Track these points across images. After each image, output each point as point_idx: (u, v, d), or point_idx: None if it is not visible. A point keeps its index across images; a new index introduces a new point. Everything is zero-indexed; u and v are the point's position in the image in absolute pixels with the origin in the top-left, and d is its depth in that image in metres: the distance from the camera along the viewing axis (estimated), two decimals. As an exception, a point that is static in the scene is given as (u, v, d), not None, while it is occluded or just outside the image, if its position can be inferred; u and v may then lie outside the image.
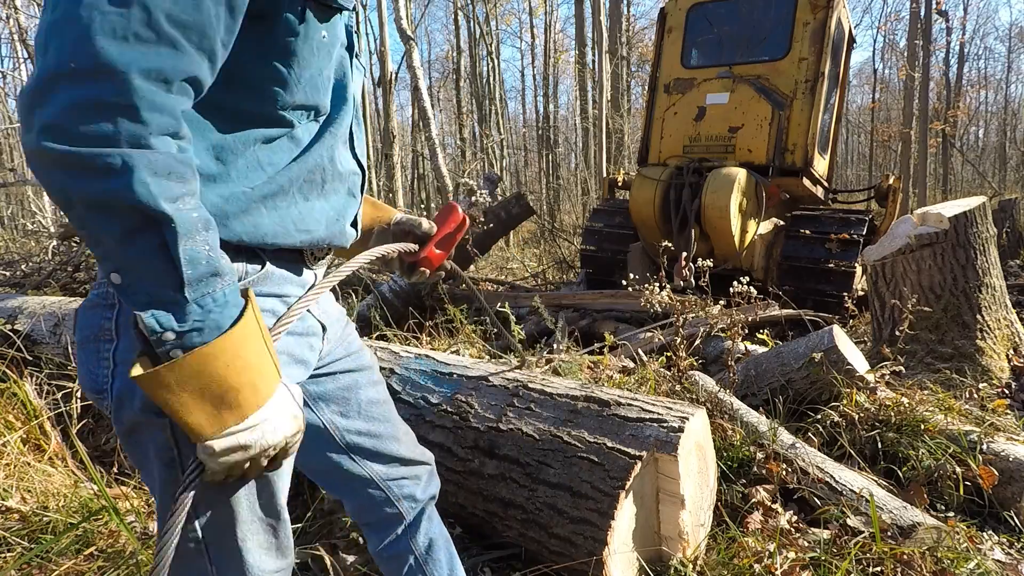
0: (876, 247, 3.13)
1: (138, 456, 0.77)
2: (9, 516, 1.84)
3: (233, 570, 0.80)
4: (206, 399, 0.63)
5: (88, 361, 0.75)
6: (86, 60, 0.54)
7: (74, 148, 0.55)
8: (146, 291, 0.60)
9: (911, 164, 14.03)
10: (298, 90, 0.76)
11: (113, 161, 0.56)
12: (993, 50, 43.99)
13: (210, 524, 0.77)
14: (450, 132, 25.74)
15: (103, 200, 0.57)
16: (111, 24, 0.54)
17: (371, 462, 1.05)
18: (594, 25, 12.42)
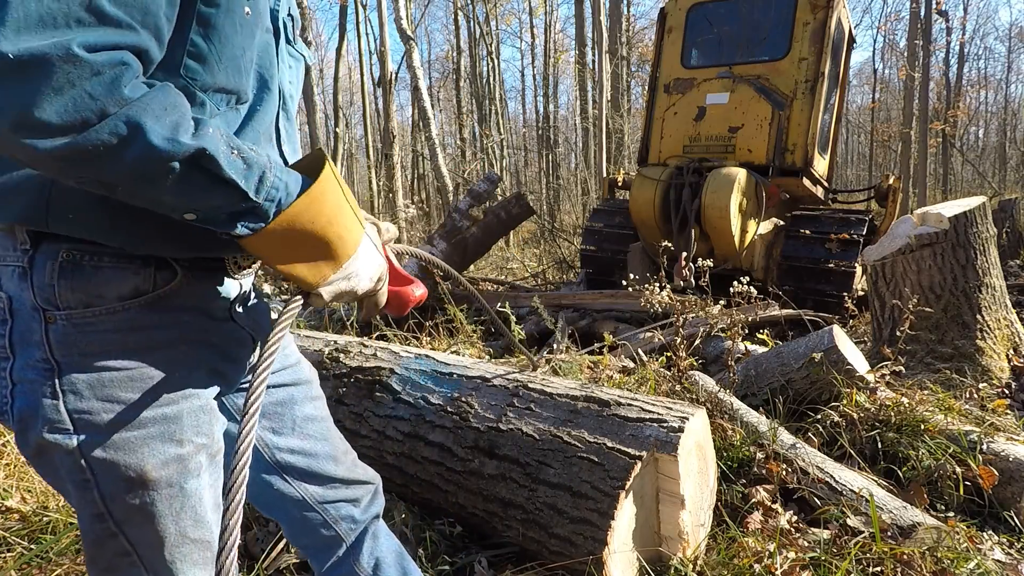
0: (876, 247, 3.13)
1: (50, 477, 0.74)
2: (9, 516, 1.84)
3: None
4: (304, 256, 0.69)
5: None
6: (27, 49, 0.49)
7: (73, 139, 0.52)
8: (225, 213, 0.63)
9: (911, 164, 14.03)
10: (219, 69, 0.70)
11: (119, 129, 0.53)
12: (993, 50, 44.02)
13: (139, 543, 0.74)
14: (450, 132, 25.76)
15: (138, 170, 0.56)
16: (48, 11, 0.50)
17: (304, 483, 0.98)
18: (594, 25, 12.41)
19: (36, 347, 0.68)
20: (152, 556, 0.76)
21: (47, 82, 0.49)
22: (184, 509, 0.76)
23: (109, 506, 0.72)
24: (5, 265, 0.69)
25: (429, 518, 1.77)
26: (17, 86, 0.49)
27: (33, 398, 0.68)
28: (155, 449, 0.72)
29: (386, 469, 1.86)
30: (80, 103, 0.51)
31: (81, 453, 0.69)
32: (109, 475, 0.70)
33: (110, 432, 0.70)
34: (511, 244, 12.21)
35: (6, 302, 0.68)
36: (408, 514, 1.78)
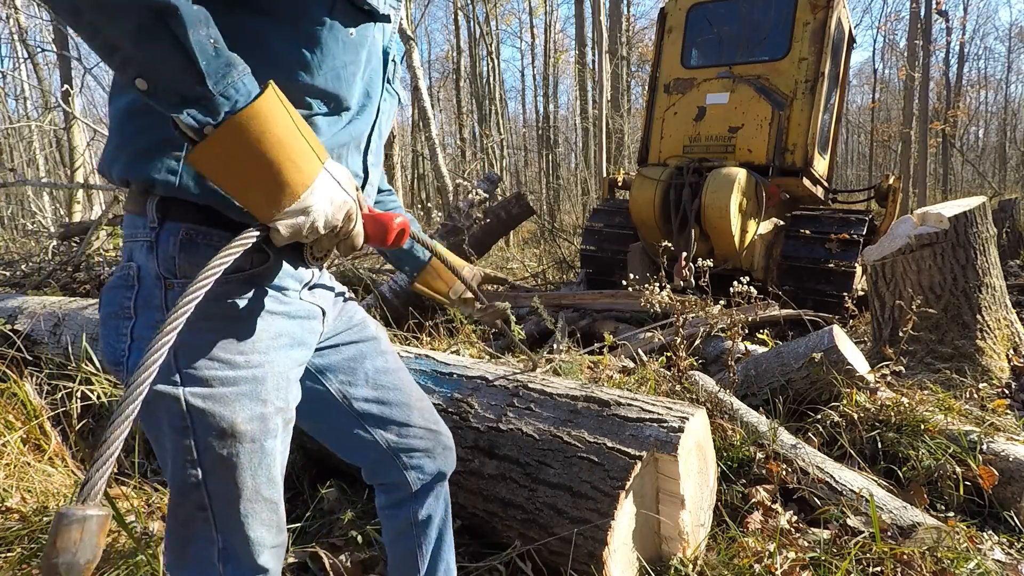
0: (876, 247, 3.13)
1: (152, 428, 0.83)
2: (9, 516, 1.84)
3: (238, 543, 0.86)
4: (255, 179, 0.68)
5: (109, 336, 0.82)
6: None
7: None
8: (174, 89, 0.63)
9: (911, 164, 14.03)
10: (319, 75, 0.80)
11: None
12: (993, 50, 44.03)
13: (216, 497, 0.83)
14: (450, 132, 25.75)
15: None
16: None
17: (380, 429, 1.09)
18: (594, 25, 12.42)
19: (156, 310, 0.79)
20: (226, 512, 0.84)
21: None
22: (261, 466, 0.85)
23: (200, 454, 0.81)
24: (135, 241, 0.81)
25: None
26: None
27: None
28: (244, 405, 0.82)
29: (386, 469, 1.86)
30: None
31: (185, 402, 0.79)
32: (205, 423, 0.80)
33: (209, 386, 0.80)
34: (511, 244, 12.21)
35: (135, 271, 0.80)
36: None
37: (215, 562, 0.86)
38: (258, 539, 0.87)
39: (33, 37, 14.47)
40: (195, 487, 0.82)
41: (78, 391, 2.35)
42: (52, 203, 13.09)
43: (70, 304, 3.09)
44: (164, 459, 0.84)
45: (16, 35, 12.74)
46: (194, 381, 0.79)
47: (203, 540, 0.85)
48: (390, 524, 1.19)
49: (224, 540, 0.86)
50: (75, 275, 5.31)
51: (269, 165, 0.68)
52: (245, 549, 0.87)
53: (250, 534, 0.86)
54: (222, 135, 0.65)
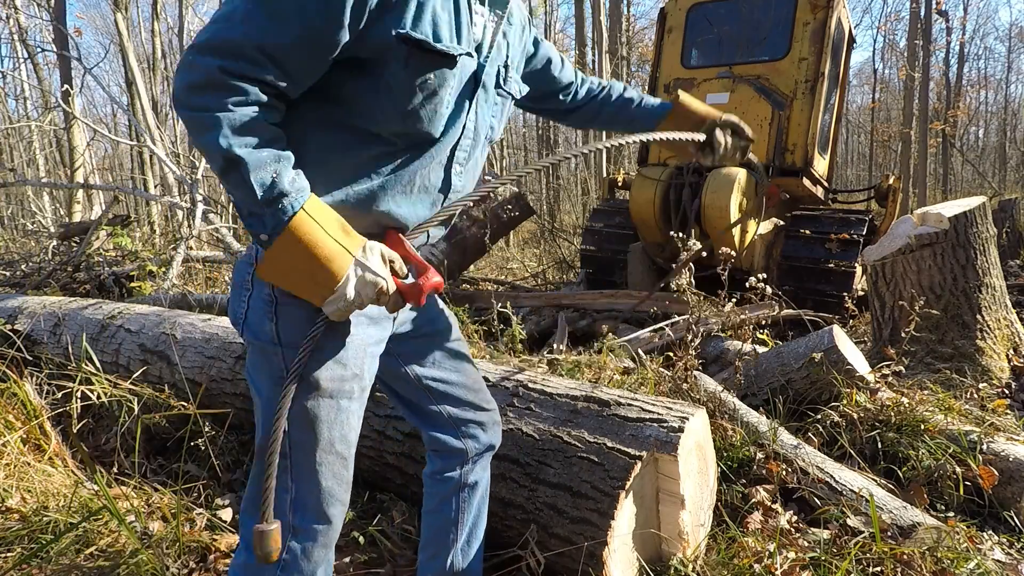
0: (876, 247, 3.13)
1: (257, 370, 1.02)
2: (9, 516, 1.84)
3: (309, 491, 1.01)
4: (302, 280, 0.90)
5: (234, 301, 1.03)
6: (201, 60, 0.82)
7: (192, 113, 0.83)
8: (246, 209, 0.88)
9: (911, 164, 14.02)
10: (398, 119, 0.96)
11: (206, 121, 0.83)
12: (993, 50, 44.01)
13: (296, 445, 0.99)
14: (450, 132, 25.68)
15: (205, 148, 0.84)
16: (224, 42, 0.83)
17: (443, 403, 1.27)
18: (594, 25, 12.42)
19: (266, 285, 0.98)
20: (303, 459, 0.99)
21: (196, 79, 0.83)
22: (336, 421, 1.01)
23: (287, 399, 0.94)
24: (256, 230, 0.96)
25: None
26: (186, 73, 0.83)
27: (260, 318, 0.99)
28: (328, 366, 0.99)
29: (386, 469, 1.86)
30: (203, 98, 0.83)
31: (283, 358, 0.98)
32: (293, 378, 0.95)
33: (299, 347, 0.95)
34: (511, 244, 12.20)
35: (254, 252, 0.99)
36: (409, 513, 1.78)
37: (286, 511, 1.00)
38: (328, 489, 1.02)
39: (33, 37, 14.47)
40: (283, 430, 0.96)
41: (78, 391, 2.35)
42: (52, 203, 13.09)
43: (70, 304, 3.09)
44: (258, 411, 1.01)
45: (16, 35, 12.73)
46: (289, 343, 0.97)
47: (279, 489, 0.98)
48: (437, 489, 1.31)
49: (297, 489, 1.00)
50: (75, 275, 5.31)
51: (308, 269, 0.89)
52: (315, 498, 1.01)
53: (323, 482, 1.01)
54: (275, 249, 0.88)
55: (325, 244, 0.89)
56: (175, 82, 0.84)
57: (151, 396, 2.32)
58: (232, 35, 0.83)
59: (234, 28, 0.83)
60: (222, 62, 0.82)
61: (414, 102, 0.95)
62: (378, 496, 1.91)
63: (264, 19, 0.83)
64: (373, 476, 1.93)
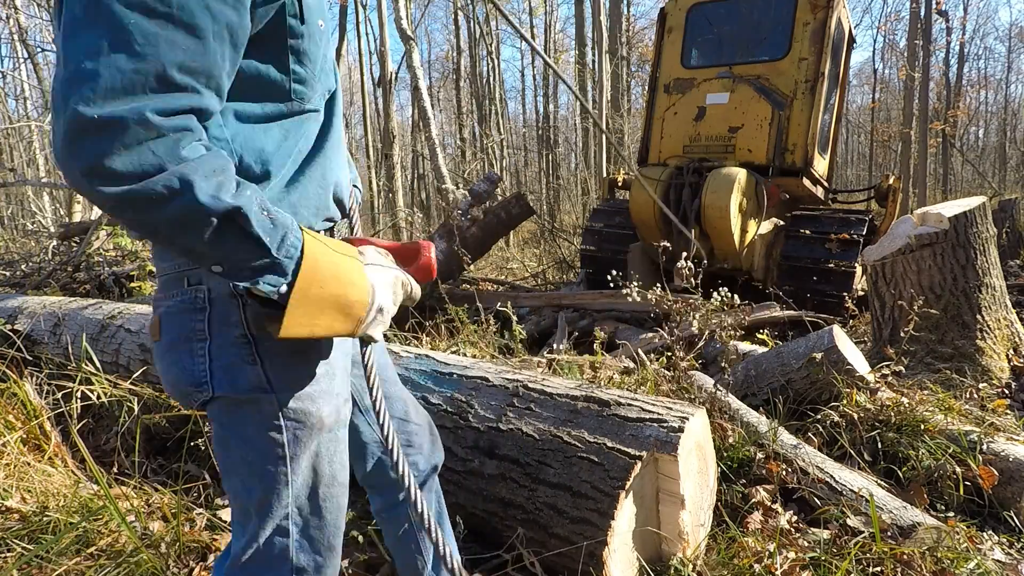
0: (876, 247, 3.13)
1: (235, 431, 0.88)
2: (9, 516, 1.84)
3: (316, 527, 0.94)
4: (339, 312, 0.79)
5: (182, 360, 0.85)
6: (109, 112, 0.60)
7: (131, 187, 0.62)
8: (248, 268, 0.72)
9: (911, 164, 14.02)
10: (316, 82, 0.87)
11: (172, 183, 0.64)
12: (993, 50, 43.96)
13: (302, 487, 0.91)
14: (450, 132, 25.72)
15: (181, 219, 0.66)
16: (130, 81, 0.61)
17: None
18: (594, 25, 12.42)
19: (235, 326, 0.84)
20: (306, 502, 0.92)
21: (121, 140, 0.61)
22: (336, 453, 0.95)
23: (291, 448, 0.88)
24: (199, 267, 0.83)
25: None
26: (95, 141, 0.60)
27: (237, 366, 0.84)
28: (327, 400, 0.91)
29: (386, 469, 1.86)
30: (144, 159, 0.62)
31: (279, 404, 0.86)
32: (296, 420, 0.88)
33: (298, 387, 0.88)
34: (511, 244, 12.21)
35: (206, 292, 0.84)
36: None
37: (289, 555, 0.92)
38: (333, 522, 0.96)
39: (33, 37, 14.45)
40: (286, 484, 0.89)
41: (78, 391, 2.35)
42: (52, 203, 13.08)
43: (70, 304, 3.09)
44: (243, 469, 0.89)
45: (16, 35, 12.73)
46: (283, 385, 0.87)
47: (275, 535, 0.91)
48: (390, 526, 1.23)
49: (301, 531, 0.93)
50: (75, 275, 5.31)
51: (338, 298, 0.78)
52: (321, 533, 0.95)
53: (327, 517, 0.95)
54: (298, 295, 0.74)
55: (340, 263, 0.79)
56: (76, 164, 0.61)
57: (151, 396, 2.32)
58: (142, 65, 0.62)
59: (138, 57, 0.62)
60: (150, 102, 0.62)
61: (318, 56, 0.86)
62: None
63: (170, 33, 0.64)
64: (373, 476, 1.94)
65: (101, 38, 0.61)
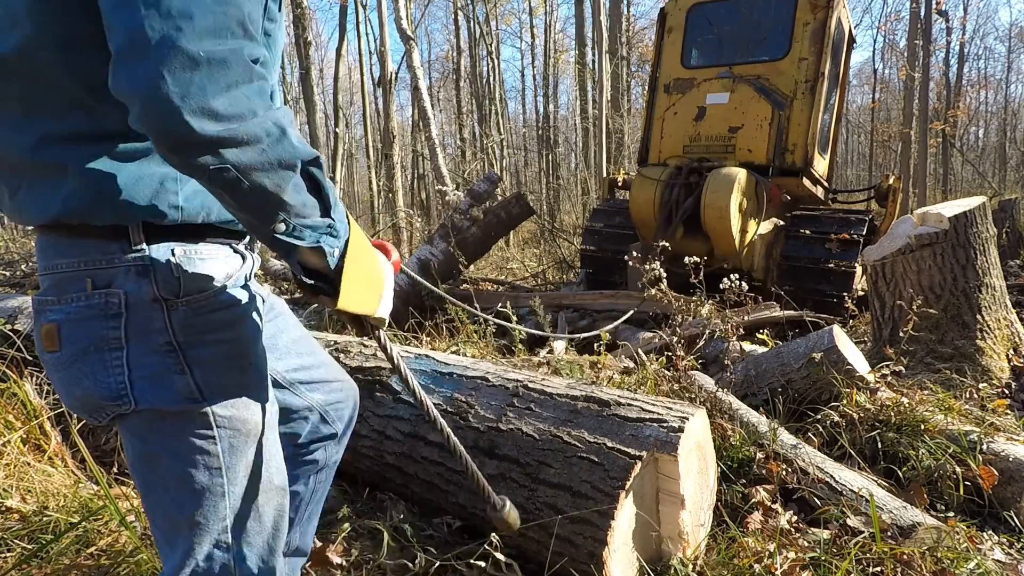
0: (876, 247, 3.13)
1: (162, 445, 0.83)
2: (9, 516, 1.84)
3: (256, 532, 0.91)
4: (375, 286, 0.83)
5: (94, 372, 0.78)
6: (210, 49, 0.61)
7: (232, 126, 0.62)
8: (310, 225, 0.73)
9: (911, 164, 14.02)
10: (273, 67, 0.86)
11: (269, 127, 0.66)
12: (993, 50, 43.92)
13: (236, 496, 0.87)
14: (450, 132, 25.72)
15: (275, 161, 0.67)
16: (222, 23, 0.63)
17: (310, 391, 1.16)
18: (594, 25, 12.42)
19: (158, 334, 0.79)
20: (245, 508, 0.88)
21: (224, 78, 0.62)
22: (272, 457, 0.92)
23: (227, 458, 0.85)
24: (114, 267, 0.78)
25: (429, 517, 1.77)
26: (202, 79, 0.60)
27: (164, 377, 0.79)
28: (260, 404, 0.89)
29: (386, 469, 1.86)
30: (242, 100, 0.63)
31: (212, 414, 0.82)
32: (231, 428, 0.85)
33: (231, 394, 0.84)
34: (511, 244, 12.21)
35: (121, 297, 0.77)
36: (408, 513, 1.78)
37: (228, 563, 0.88)
38: (275, 524, 0.93)
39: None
40: (223, 496, 0.85)
41: (78, 391, 2.34)
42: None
43: (70, 304, 3.09)
44: (173, 484, 0.84)
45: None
46: (215, 392, 0.82)
47: (218, 549, 0.87)
48: (295, 469, 1.19)
49: (242, 537, 0.89)
50: (75, 275, 5.30)
51: (373, 271, 0.82)
52: (262, 538, 0.91)
53: (266, 521, 0.91)
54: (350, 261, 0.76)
55: (363, 238, 0.80)
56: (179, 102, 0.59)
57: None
58: (228, 8, 0.63)
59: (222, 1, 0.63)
60: (242, 46, 0.64)
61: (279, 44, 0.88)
62: (378, 495, 1.91)
63: None
64: (373, 476, 1.93)
65: None
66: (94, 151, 0.76)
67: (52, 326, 0.79)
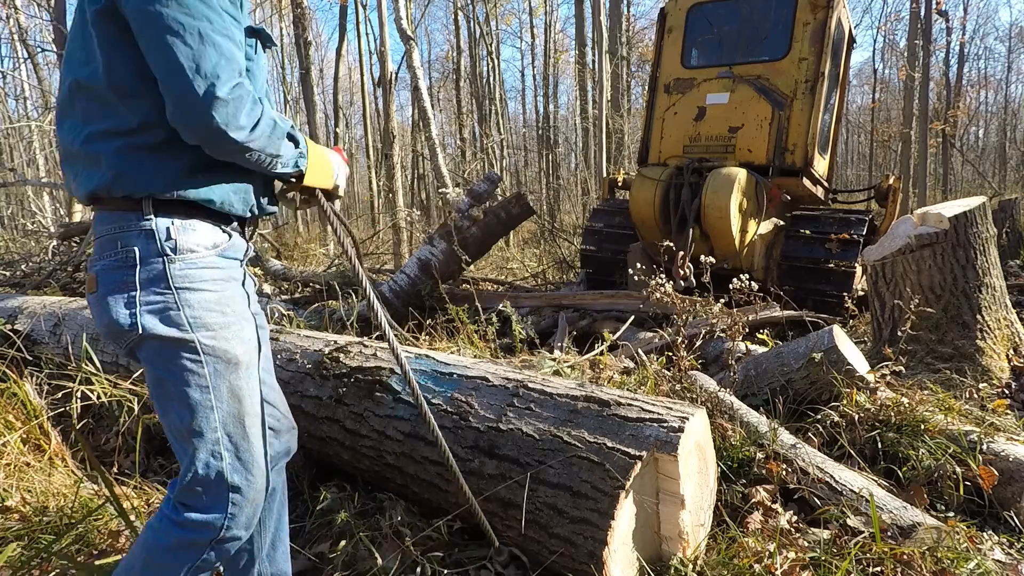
0: (876, 247, 3.13)
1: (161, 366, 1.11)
2: (9, 516, 1.84)
3: (246, 450, 1.16)
4: (325, 171, 1.29)
5: (115, 307, 1.08)
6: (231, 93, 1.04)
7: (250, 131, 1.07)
8: (294, 159, 1.20)
9: (911, 164, 14.02)
10: (261, 86, 1.25)
11: (268, 122, 1.11)
12: (993, 50, 43.86)
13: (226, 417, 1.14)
14: (450, 132, 25.70)
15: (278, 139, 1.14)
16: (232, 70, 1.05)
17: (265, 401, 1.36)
18: (594, 25, 12.41)
19: (161, 280, 1.09)
20: (236, 429, 1.15)
21: (242, 106, 1.05)
22: (253, 389, 1.19)
23: (212, 379, 1.12)
24: (131, 231, 1.09)
25: (429, 517, 1.77)
26: (233, 110, 1.03)
27: (162, 311, 1.08)
28: (239, 339, 1.17)
29: (386, 469, 1.86)
30: (252, 115, 1.07)
31: (198, 342, 1.11)
32: (214, 355, 1.12)
33: (213, 329, 1.12)
34: (511, 244, 12.20)
35: (135, 253, 1.08)
36: (409, 513, 1.78)
37: (224, 476, 1.13)
38: (259, 445, 1.18)
39: (33, 37, 14.43)
40: (212, 409, 1.12)
41: (78, 391, 2.35)
42: (52, 203, 13.07)
43: (70, 304, 3.09)
44: (176, 401, 1.11)
45: (16, 35, 12.72)
46: (200, 326, 1.11)
47: (211, 458, 1.12)
48: None
49: (234, 455, 1.14)
50: (75, 275, 5.31)
51: (324, 160, 1.29)
52: (250, 455, 1.17)
53: (254, 441, 1.18)
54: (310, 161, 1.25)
55: (317, 146, 1.27)
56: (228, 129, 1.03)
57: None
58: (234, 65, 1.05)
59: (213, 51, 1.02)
60: (244, 81, 1.06)
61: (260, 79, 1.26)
62: (377, 496, 1.91)
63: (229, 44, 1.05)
64: (373, 476, 1.93)
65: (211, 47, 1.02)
66: (117, 144, 1.08)
67: (93, 275, 1.11)
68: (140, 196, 1.08)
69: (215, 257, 1.15)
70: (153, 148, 1.09)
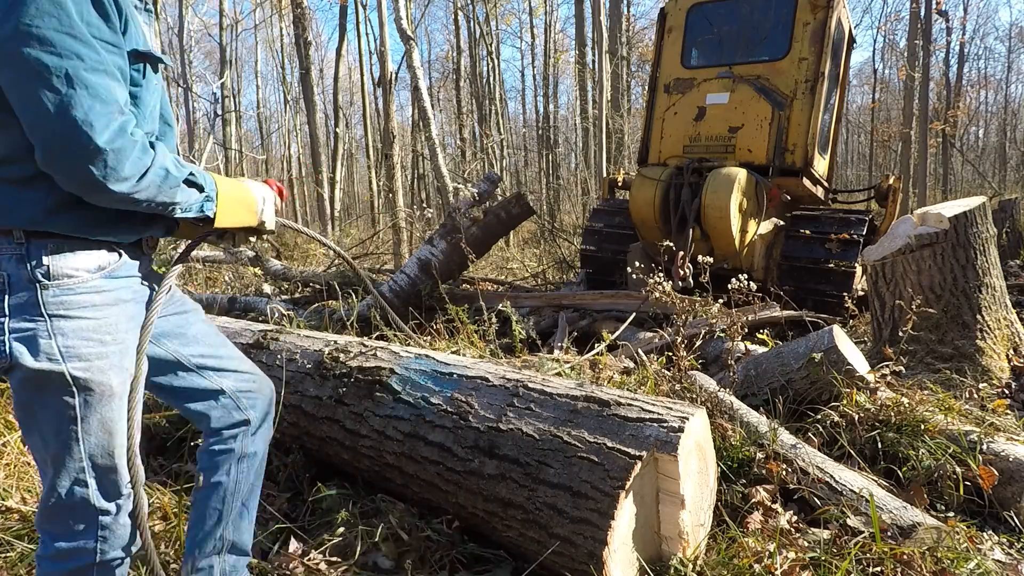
0: (876, 247, 3.13)
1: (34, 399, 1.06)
2: (9, 516, 1.84)
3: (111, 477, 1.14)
4: (242, 210, 1.25)
5: None
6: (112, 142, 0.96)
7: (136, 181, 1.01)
8: (197, 202, 1.15)
9: (911, 164, 14.02)
10: (143, 121, 1.15)
11: (159, 172, 1.04)
12: (993, 50, 43.86)
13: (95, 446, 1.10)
14: (450, 132, 25.70)
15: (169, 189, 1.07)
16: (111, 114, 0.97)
17: (219, 376, 1.35)
18: (594, 25, 12.41)
19: (32, 307, 1.02)
20: (103, 459, 1.11)
21: (124, 156, 0.97)
22: (122, 418, 1.13)
23: (82, 411, 1.07)
24: (2, 255, 1.02)
25: (429, 517, 1.77)
26: (109, 162, 0.95)
27: (31, 340, 1.02)
28: (117, 369, 1.11)
29: (386, 469, 1.86)
30: (137, 164, 1.00)
31: (69, 374, 1.04)
32: (86, 388, 1.06)
33: (87, 359, 1.06)
34: (511, 244, 12.20)
35: (5, 278, 1.02)
36: (408, 514, 1.78)
37: (93, 501, 1.11)
38: (122, 468, 1.15)
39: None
40: (77, 441, 1.08)
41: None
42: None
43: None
44: (41, 427, 1.07)
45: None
46: (73, 357, 1.05)
47: (77, 485, 1.09)
48: (214, 462, 1.35)
49: (99, 481, 1.11)
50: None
51: (241, 197, 1.25)
52: (114, 480, 1.14)
53: (119, 467, 1.14)
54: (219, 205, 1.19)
55: (234, 183, 1.24)
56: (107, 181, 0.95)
57: (151, 396, 2.32)
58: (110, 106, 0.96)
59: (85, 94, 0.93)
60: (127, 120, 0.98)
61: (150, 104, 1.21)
62: (377, 496, 1.91)
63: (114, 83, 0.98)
64: (373, 476, 1.93)
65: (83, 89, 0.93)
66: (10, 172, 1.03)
67: None
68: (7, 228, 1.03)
69: (100, 280, 1.09)
70: (17, 182, 1.01)
